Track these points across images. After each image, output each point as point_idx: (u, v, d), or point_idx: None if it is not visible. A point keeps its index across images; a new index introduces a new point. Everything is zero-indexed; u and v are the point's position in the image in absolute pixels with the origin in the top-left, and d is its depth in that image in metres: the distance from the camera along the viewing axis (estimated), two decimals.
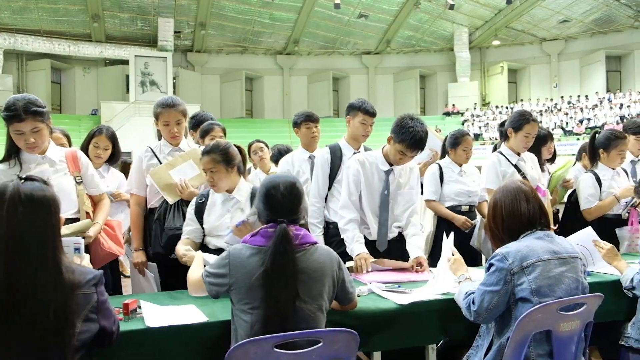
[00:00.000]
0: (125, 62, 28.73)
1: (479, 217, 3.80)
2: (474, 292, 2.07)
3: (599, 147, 3.65)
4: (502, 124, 3.73)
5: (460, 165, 3.87)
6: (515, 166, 3.46)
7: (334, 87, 32.96)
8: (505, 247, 2.05)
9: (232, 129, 26.91)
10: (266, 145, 4.87)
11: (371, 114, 3.43)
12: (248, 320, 1.77)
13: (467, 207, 3.82)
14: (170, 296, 2.37)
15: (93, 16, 27.16)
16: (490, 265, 2.04)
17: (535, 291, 1.95)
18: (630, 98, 25.85)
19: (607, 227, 3.47)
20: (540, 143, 3.81)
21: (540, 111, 28.04)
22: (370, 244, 3.03)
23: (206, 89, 31.32)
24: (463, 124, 28.80)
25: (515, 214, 2.11)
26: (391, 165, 3.04)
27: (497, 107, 30.03)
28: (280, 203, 1.88)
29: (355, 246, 2.86)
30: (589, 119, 25.16)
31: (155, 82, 28.85)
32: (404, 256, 3.03)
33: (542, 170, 3.80)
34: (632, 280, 2.47)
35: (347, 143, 3.51)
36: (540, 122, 26.06)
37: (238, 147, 2.78)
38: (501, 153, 3.54)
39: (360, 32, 31.11)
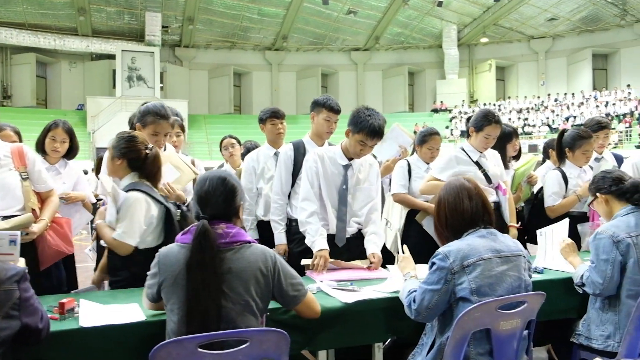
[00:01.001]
0: (111, 57, 28.46)
1: None
2: (416, 291, 2.06)
3: (565, 146, 3.65)
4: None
5: (428, 163, 3.85)
6: (477, 163, 3.44)
7: (322, 83, 32.89)
8: (447, 246, 2.04)
9: (220, 125, 26.86)
10: (238, 142, 4.83)
11: (335, 110, 3.40)
12: (175, 320, 1.74)
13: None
14: (115, 295, 2.34)
15: (79, 10, 26.86)
16: (432, 264, 2.03)
17: (475, 290, 1.94)
18: (615, 96, 26.05)
19: (572, 224, 3.47)
20: (506, 140, 3.80)
21: (528, 108, 28.20)
22: (329, 239, 3.01)
23: (194, 85, 31.14)
24: (451, 120, 28.91)
25: (457, 212, 2.10)
26: (350, 160, 3.01)
27: (485, 104, 30.09)
28: (207, 198, 1.84)
29: (318, 240, 2.83)
30: (575, 117, 25.31)
31: (142, 77, 28.61)
32: (363, 254, 3.01)
33: (507, 167, 3.78)
34: (582, 277, 2.47)
35: (311, 140, 3.48)
36: (527, 119, 26.26)
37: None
38: (463, 149, 3.52)
39: (349, 28, 31.06)
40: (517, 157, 3.97)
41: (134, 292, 2.25)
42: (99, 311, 2.01)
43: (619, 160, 4.14)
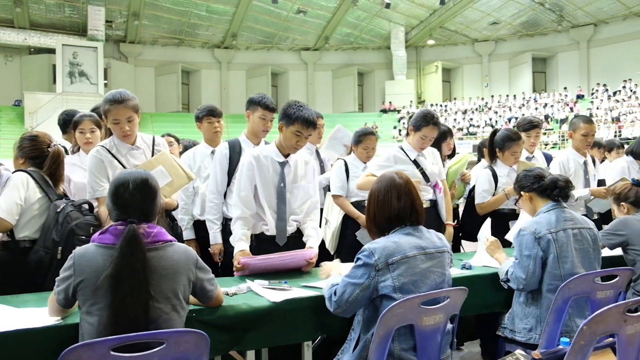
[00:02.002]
0: (51, 51, 27.26)
1: None
2: (338, 284, 2.07)
3: (495, 146, 3.77)
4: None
5: (364, 162, 3.89)
6: (415, 161, 3.50)
7: (273, 82, 32.74)
8: (374, 243, 2.06)
9: (168, 123, 26.26)
10: (177, 140, 4.71)
11: (271, 109, 3.37)
12: (94, 323, 1.68)
13: None
14: (34, 298, 2.22)
15: (15, 0, 25.57)
16: (358, 259, 2.04)
17: (399, 288, 1.97)
18: (553, 98, 27.25)
19: (503, 220, 3.59)
20: (440, 139, 3.88)
21: (472, 109, 29.06)
22: (269, 240, 2.98)
23: (140, 82, 30.26)
24: (399, 121, 29.41)
25: (385, 210, 2.12)
26: (286, 156, 3.00)
27: (432, 105, 30.84)
28: (130, 202, 1.79)
29: (237, 244, 2.80)
30: (516, 118, 26.26)
31: (84, 73, 27.59)
32: None
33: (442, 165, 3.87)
34: (507, 272, 2.55)
35: (247, 138, 3.44)
36: (472, 119, 27.07)
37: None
38: (402, 148, 3.57)
39: (299, 27, 31.05)
40: (451, 155, 4.07)
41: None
42: (10, 315, 1.91)
43: (548, 159, 4.32)
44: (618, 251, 2.98)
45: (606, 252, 3.04)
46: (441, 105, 30.50)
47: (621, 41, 26.88)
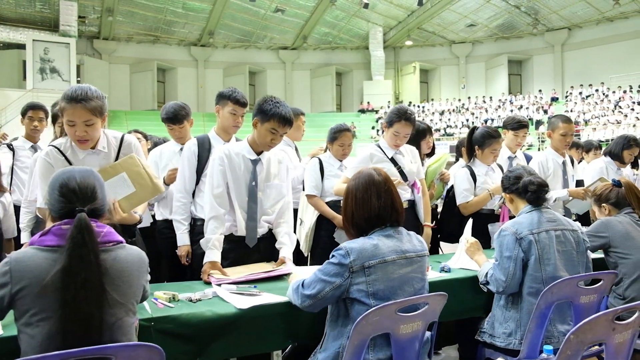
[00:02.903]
0: (22, 47, 26.49)
1: None
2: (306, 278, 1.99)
3: (475, 144, 3.68)
4: None
5: (340, 160, 3.76)
6: (392, 159, 3.38)
7: (250, 81, 32.43)
8: (352, 242, 1.93)
9: (143, 121, 25.91)
10: (145, 137, 4.51)
11: (242, 103, 3.22)
12: (35, 335, 1.50)
13: None
14: None
15: None
16: (333, 256, 1.92)
17: (372, 294, 1.84)
18: (529, 100, 27.59)
19: (481, 222, 3.50)
20: (419, 137, 3.78)
21: (449, 110, 29.25)
22: (239, 242, 2.83)
23: (114, 79, 29.67)
24: (377, 121, 29.43)
25: (364, 210, 1.98)
26: (259, 154, 2.84)
27: (409, 105, 30.95)
28: (78, 191, 1.62)
29: (209, 253, 2.63)
30: (492, 120, 26.52)
31: (56, 69, 26.85)
32: (274, 255, 2.86)
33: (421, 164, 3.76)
34: (486, 275, 2.45)
35: (217, 134, 3.29)
36: (449, 120, 27.23)
37: None
38: (379, 146, 3.45)
39: (277, 26, 30.83)
40: (431, 154, 3.96)
41: None
42: None
43: (528, 160, 4.25)
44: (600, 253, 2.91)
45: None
46: (419, 106, 30.62)
47: (594, 45, 27.38)
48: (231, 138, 3.32)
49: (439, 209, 4.02)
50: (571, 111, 24.72)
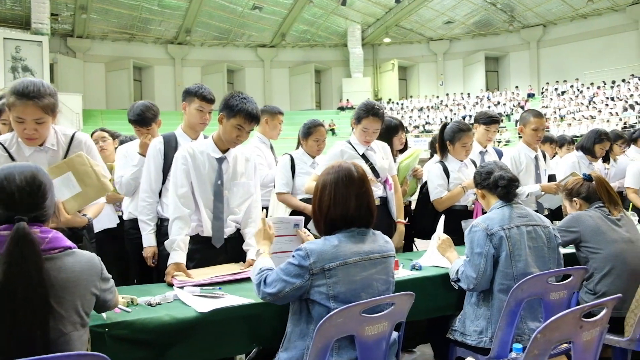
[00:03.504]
0: None
1: None
2: (270, 269, 1.93)
3: (446, 139, 3.64)
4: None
5: (314, 157, 3.69)
6: (364, 156, 3.31)
7: (228, 79, 32.15)
8: (312, 243, 1.87)
9: (119, 121, 25.54)
10: (112, 136, 4.37)
11: (208, 100, 3.13)
12: None
13: None
14: None
15: None
16: (293, 256, 1.86)
17: (333, 297, 1.78)
18: (505, 97, 27.89)
19: (454, 218, 3.46)
20: (392, 133, 3.72)
21: (428, 107, 29.40)
22: (205, 242, 2.74)
23: (89, 78, 29.14)
24: None
25: (343, 207, 1.91)
26: (224, 152, 2.76)
27: (388, 102, 31.04)
28: (17, 196, 1.49)
29: (173, 254, 2.53)
30: (470, 116, 26.74)
31: (28, 68, 26.24)
32: (242, 256, 2.77)
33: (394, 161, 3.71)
34: (457, 272, 2.40)
35: (184, 132, 3.19)
36: (428, 116, 27.36)
37: None
38: (349, 142, 3.38)
39: (255, 24, 30.60)
40: (403, 150, 3.91)
41: None
42: None
43: (499, 155, 4.24)
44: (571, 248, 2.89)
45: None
46: (397, 103, 30.72)
47: (569, 42, 27.78)
48: (199, 135, 3.23)
49: (413, 206, 3.97)
50: (547, 107, 25.05)
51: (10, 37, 25.94)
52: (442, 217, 2.89)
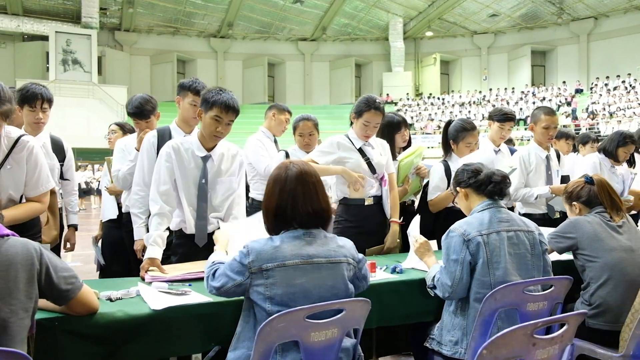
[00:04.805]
0: (45, 38, 27.00)
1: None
2: (221, 263, 1.91)
3: (449, 138, 3.50)
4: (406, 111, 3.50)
5: (307, 152, 3.63)
6: (360, 150, 3.22)
7: (269, 72, 32.44)
8: (255, 242, 1.82)
9: (164, 113, 26.24)
10: (124, 130, 4.43)
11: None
12: None
13: None
14: None
15: None
16: (239, 252, 1.82)
17: (270, 298, 1.72)
18: (552, 92, 26.88)
19: (455, 218, 3.32)
20: (394, 130, 3.60)
21: (470, 102, 28.71)
22: (188, 239, 2.73)
23: (135, 71, 30.02)
24: None
25: (288, 205, 1.85)
26: (210, 150, 2.73)
27: (429, 97, 30.51)
28: None
29: (150, 249, 2.52)
30: (514, 112, 25.95)
31: (78, 60, 27.33)
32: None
33: (395, 158, 3.59)
34: (433, 278, 2.29)
35: (178, 126, 3.19)
36: (469, 112, 26.71)
37: None
38: (347, 136, 3.29)
39: (296, 17, 30.68)
40: (406, 147, 3.78)
41: None
42: None
43: (513, 153, 4.04)
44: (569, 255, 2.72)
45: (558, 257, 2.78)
46: (439, 98, 30.14)
47: (621, 35, 26.46)
48: (193, 130, 3.22)
49: (416, 205, 3.84)
50: (596, 103, 24.00)
51: (61, 31, 27.04)
52: (417, 217, 2.74)
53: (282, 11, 29.93)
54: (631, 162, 4.24)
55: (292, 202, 1.84)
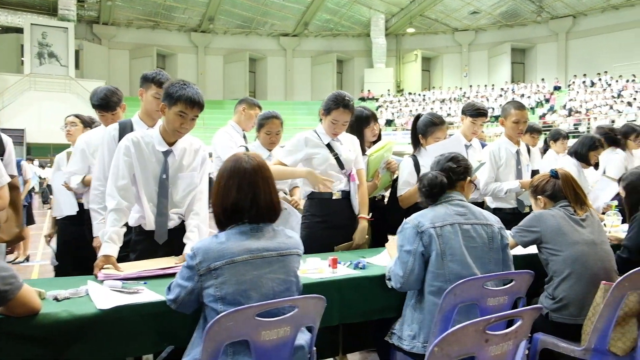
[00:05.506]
0: (19, 31, 26.40)
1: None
2: None
3: (418, 133, 3.47)
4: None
5: (269, 150, 3.56)
6: (328, 145, 3.17)
7: (250, 68, 32.21)
8: (200, 242, 1.76)
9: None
10: (83, 122, 4.28)
11: None
12: None
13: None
14: None
15: None
16: (187, 256, 1.74)
17: (221, 298, 1.66)
18: (531, 89, 27.15)
19: None
20: (362, 125, 3.56)
21: (451, 99, 28.86)
22: (148, 235, 2.65)
23: (114, 65, 29.57)
24: (377, 109, 29.10)
25: (223, 198, 1.79)
26: (171, 144, 2.65)
27: (410, 93, 30.61)
28: None
29: (104, 246, 2.44)
30: (493, 108, 26.13)
31: (54, 54, 26.76)
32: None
33: (364, 153, 3.55)
34: (389, 269, 2.27)
35: (141, 119, 3.09)
36: (450, 108, 26.85)
37: None
38: (315, 131, 3.24)
39: (278, 12, 30.49)
40: (376, 142, 3.73)
41: None
42: None
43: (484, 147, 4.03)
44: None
45: (525, 250, 2.77)
46: (420, 95, 30.25)
47: (599, 33, 26.84)
48: (156, 123, 3.12)
49: (386, 200, 3.80)
50: (573, 100, 24.30)
51: (37, 23, 26.46)
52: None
53: (263, 6, 29.72)
54: (595, 165, 4.25)
55: (252, 195, 1.78)
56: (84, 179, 3.33)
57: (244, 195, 1.78)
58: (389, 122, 27.44)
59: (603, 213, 3.83)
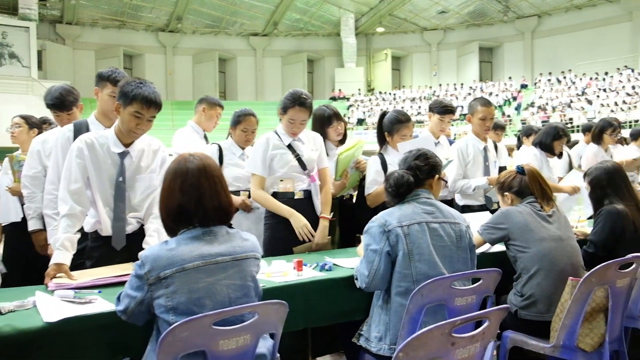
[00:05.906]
0: None
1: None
2: None
3: (385, 130, 3.42)
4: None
5: (243, 148, 3.47)
6: (290, 146, 3.08)
7: (220, 68, 31.85)
8: (148, 250, 1.66)
9: None
10: (28, 123, 4.05)
11: None
12: None
13: (247, 192, 3.39)
14: None
15: None
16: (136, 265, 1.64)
17: (172, 309, 1.57)
18: (499, 87, 27.59)
19: None
20: (325, 124, 3.49)
21: (421, 97, 29.10)
22: (104, 241, 2.52)
23: (79, 66, 28.79)
24: (348, 108, 29.15)
25: (167, 201, 1.70)
26: (128, 145, 2.53)
27: (380, 92, 30.76)
28: None
29: (56, 254, 2.30)
30: (462, 107, 26.44)
31: (15, 54, 25.89)
32: None
33: (327, 154, 3.47)
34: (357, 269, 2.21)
35: (97, 120, 2.96)
36: (420, 107, 27.06)
37: None
38: (276, 132, 3.15)
39: (247, 12, 30.22)
40: (342, 141, 3.67)
41: None
42: None
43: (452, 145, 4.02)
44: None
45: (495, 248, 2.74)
46: (390, 94, 30.42)
47: (563, 32, 27.47)
48: (113, 123, 2.99)
49: (354, 199, 3.75)
50: (540, 97, 24.79)
51: None
52: None
53: (232, 5, 29.42)
54: (559, 155, 4.29)
55: (197, 197, 1.68)
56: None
57: (189, 197, 1.68)
58: (360, 122, 27.51)
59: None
